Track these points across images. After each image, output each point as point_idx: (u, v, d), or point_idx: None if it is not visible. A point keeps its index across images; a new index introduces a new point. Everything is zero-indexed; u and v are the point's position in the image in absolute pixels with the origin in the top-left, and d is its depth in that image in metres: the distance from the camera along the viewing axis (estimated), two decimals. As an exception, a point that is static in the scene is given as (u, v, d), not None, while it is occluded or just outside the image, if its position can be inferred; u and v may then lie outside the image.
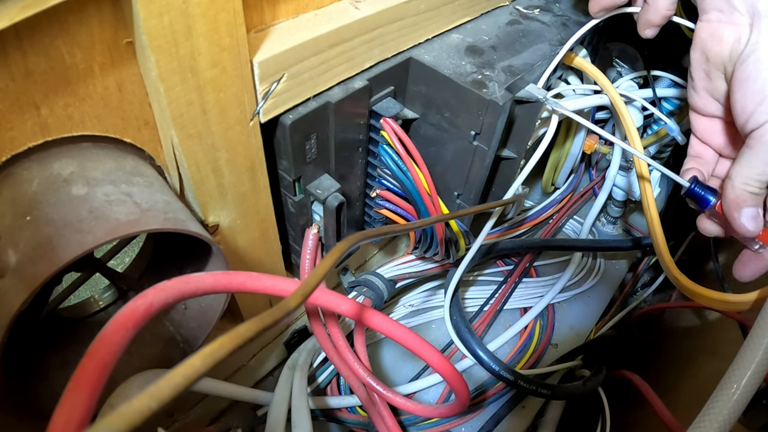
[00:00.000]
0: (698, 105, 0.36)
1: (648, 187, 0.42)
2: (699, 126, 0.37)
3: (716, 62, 0.33)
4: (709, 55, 0.33)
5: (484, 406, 0.50)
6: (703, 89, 0.35)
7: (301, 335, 0.48)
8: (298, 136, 0.31)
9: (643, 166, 0.43)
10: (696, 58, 0.34)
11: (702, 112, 0.37)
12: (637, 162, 0.43)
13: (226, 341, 0.14)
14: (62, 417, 0.13)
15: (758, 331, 0.25)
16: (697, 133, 0.38)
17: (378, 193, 0.39)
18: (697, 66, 0.35)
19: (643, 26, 0.36)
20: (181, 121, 0.25)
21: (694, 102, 0.37)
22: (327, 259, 0.21)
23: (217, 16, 0.23)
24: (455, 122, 0.37)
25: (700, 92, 0.36)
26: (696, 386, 0.47)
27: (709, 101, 0.36)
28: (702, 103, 0.36)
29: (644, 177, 0.42)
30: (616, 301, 0.64)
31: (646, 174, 0.42)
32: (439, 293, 0.58)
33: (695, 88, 0.36)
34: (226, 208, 0.31)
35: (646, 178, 0.42)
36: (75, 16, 0.20)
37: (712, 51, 0.33)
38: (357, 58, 0.32)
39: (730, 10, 0.31)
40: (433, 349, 0.27)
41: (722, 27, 0.32)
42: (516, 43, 0.40)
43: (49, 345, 0.31)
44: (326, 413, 0.46)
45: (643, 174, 0.42)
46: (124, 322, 0.15)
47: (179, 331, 0.33)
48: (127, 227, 0.21)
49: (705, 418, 0.25)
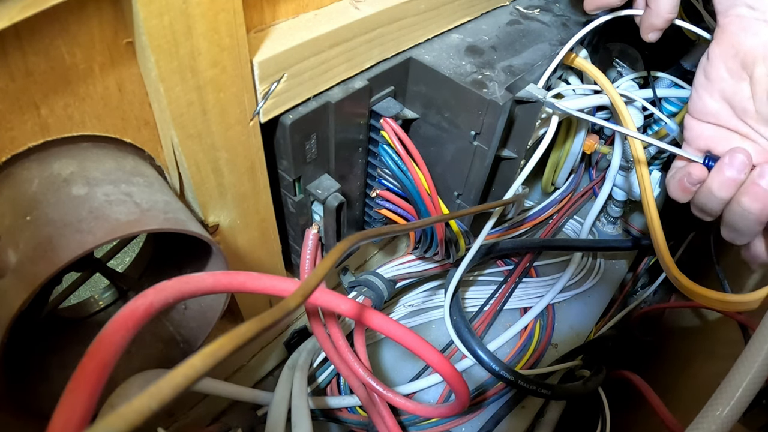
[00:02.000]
0: (706, 109, 0.34)
1: (648, 187, 0.42)
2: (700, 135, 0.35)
3: (746, 59, 0.31)
4: (740, 49, 0.31)
5: (484, 406, 0.50)
6: (719, 91, 0.33)
7: (301, 335, 0.48)
8: (298, 136, 0.31)
9: (644, 167, 0.43)
10: (718, 54, 0.32)
11: (707, 119, 0.34)
12: (637, 162, 0.43)
13: (226, 341, 0.14)
14: (62, 417, 0.13)
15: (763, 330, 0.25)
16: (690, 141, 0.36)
17: (378, 193, 0.39)
18: (718, 63, 0.32)
19: (646, 30, 0.36)
20: (181, 121, 0.25)
21: (702, 105, 0.34)
22: (327, 259, 0.21)
23: (217, 16, 0.23)
24: (455, 122, 0.37)
25: (714, 95, 0.33)
26: (696, 386, 0.47)
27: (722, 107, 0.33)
28: (713, 108, 0.33)
29: (644, 177, 0.42)
30: (616, 301, 0.64)
31: (646, 174, 0.42)
32: (439, 293, 0.58)
33: (710, 90, 0.33)
34: (226, 208, 0.31)
35: (646, 178, 0.42)
36: (75, 16, 0.20)
37: (744, 45, 0.31)
38: (357, 58, 0.32)
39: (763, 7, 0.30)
40: (433, 349, 0.27)
41: (757, 23, 0.30)
42: (516, 43, 0.40)
43: (49, 345, 0.31)
44: (326, 413, 0.46)
45: (643, 174, 0.42)
46: (124, 322, 0.15)
47: (179, 331, 0.33)
48: (127, 227, 0.21)
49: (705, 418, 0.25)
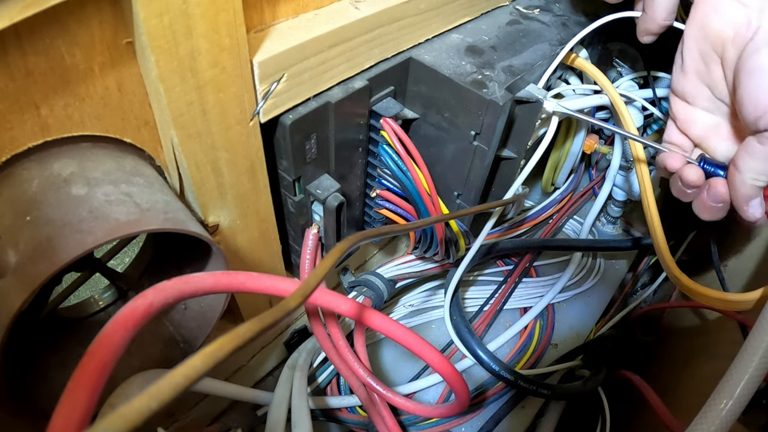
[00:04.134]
0: (684, 90, 0.34)
1: (648, 187, 0.42)
2: (680, 113, 0.35)
3: (716, 41, 0.30)
4: (708, 32, 0.30)
5: (484, 406, 0.50)
6: (693, 72, 0.33)
7: (301, 335, 0.48)
8: (298, 136, 0.31)
9: (644, 167, 0.43)
10: (691, 35, 0.32)
11: (686, 99, 0.34)
12: (637, 162, 0.43)
13: (226, 341, 0.14)
14: (62, 417, 0.13)
15: (759, 330, 0.25)
16: (677, 121, 0.36)
17: (378, 193, 0.39)
18: (691, 45, 0.32)
19: (641, 33, 0.36)
20: (181, 121, 0.25)
21: (680, 87, 0.34)
22: (327, 259, 0.21)
23: (217, 16, 0.23)
24: (455, 122, 0.37)
25: (689, 76, 0.33)
26: (696, 386, 0.47)
27: (698, 87, 0.33)
28: (689, 88, 0.33)
29: (644, 177, 0.42)
30: (616, 301, 0.64)
31: (646, 174, 0.42)
32: (439, 293, 0.58)
33: (684, 71, 0.33)
34: (226, 208, 0.31)
35: (646, 178, 0.42)
36: (75, 16, 0.20)
37: (714, 27, 0.30)
38: (357, 58, 0.32)
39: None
40: (433, 349, 0.27)
41: (730, 4, 0.29)
42: (516, 43, 0.40)
43: (49, 345, 0.31)
44: (326, 413, 0.46)
45: (643, 174, 0.42)
46: (124, 322, 0.15)
47: (179, 331, 0.33)
48: (127, 227, 0.21)
49: (705, 418, 0.25)
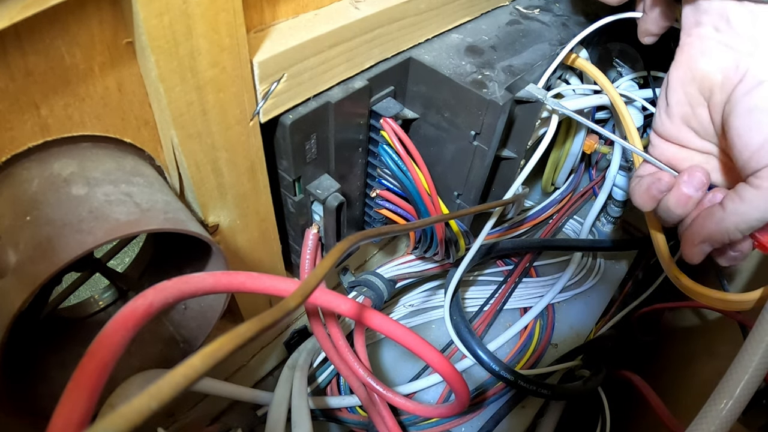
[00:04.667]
0: (668, 132, 0.33)
1: (648, 187, 0.42)
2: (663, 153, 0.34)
3: (703, 84, 0.29)
4: (695, 75, 0.30)
5: (484, 406, 0.50)
6: (678, 116, 0.32)
7: (301, 335, 0.48)
8: (298, 136, 0.31)
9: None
10: (677, 77, 0.31)
11: (669, 139, 0.33)
12: (637, 162, 0.43)
13: (226, 341, 0.14)
14: (62, 417, 0.13)
15: (759, 330, 0.25)
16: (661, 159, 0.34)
17: (378, 193, 0.39)
18: (677, 87, 0.31)
19: (642, 34, 0.36)
20: (181, 121, 0.25)
21: (664, 128, 0.33)
22: (327, 259, 0.21)
23: (217, 16, 0.23)
24: (455, 122, 0.37)
25: (674, 119, 0.32)
26: (696, 386, 0.47)
27: (683, 130, 0.32)
28: (674, 131, 0.33)
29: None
30: (616, 301, 0.64)
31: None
32: (439, 293, 0.58)
33: (670, 114, 0.32)
34: (226, 208, 0.31)
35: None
36: (75, 16, 0.20)
37: (701, 71, 0.29)
38: (357, 58, 0.32)
39: (729, 31, 0.28)
40: (433, 349, 0.27)
41: (718, 47, 0.28)
42: (516, 43, 0.40)
43: (49, 345, 0.31)
44: (326, 413, 0.46)
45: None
46: (124, 322, 0.15)
47: (179, 331, 0.33)
48: (127, 227, 0.21)
49: (705, 418, 0.25)
